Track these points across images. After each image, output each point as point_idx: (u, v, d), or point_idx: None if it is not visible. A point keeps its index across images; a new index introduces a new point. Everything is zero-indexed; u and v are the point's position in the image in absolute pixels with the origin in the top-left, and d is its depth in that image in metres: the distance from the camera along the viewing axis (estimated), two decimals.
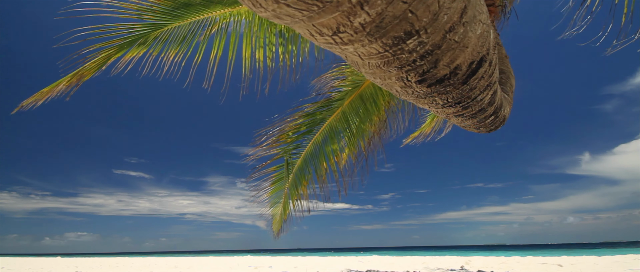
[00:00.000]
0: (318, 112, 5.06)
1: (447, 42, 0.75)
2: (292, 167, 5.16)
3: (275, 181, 5.28)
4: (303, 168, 5.17)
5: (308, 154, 5.18)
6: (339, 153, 5.21)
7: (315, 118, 5.10)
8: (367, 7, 0.64)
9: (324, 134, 5.25)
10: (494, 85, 1.04)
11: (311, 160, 5.15)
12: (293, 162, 5.19)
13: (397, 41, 0.72)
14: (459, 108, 0.98)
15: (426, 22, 0.69)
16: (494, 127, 1.69)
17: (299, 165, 5.18)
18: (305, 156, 5.18)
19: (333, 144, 5.22)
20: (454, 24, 0.73)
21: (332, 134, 5.24)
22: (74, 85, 3.29)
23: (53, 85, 3.20)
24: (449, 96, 0.88)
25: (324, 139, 5.29)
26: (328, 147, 5.18)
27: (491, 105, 1.16)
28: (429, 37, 0.73)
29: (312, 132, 5.23)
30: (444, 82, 0.84)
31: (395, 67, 0.77)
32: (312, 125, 5.14)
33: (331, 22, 0.62)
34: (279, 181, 5.27)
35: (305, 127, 5.14)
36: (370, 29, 0.66)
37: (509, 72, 2.83)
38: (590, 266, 8.67)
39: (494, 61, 0.91)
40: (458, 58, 0.80)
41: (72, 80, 3.37)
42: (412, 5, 0.66)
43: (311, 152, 5.20)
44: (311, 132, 5.23)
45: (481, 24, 0.76)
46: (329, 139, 5.26)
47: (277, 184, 5.29)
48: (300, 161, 5.18)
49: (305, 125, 5.11)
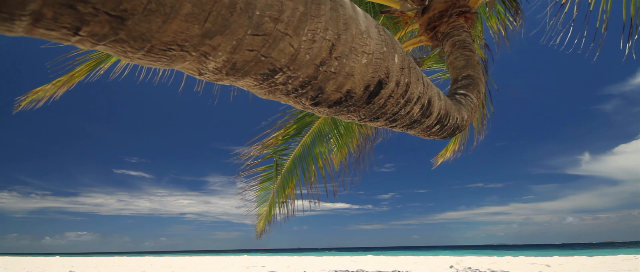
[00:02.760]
0: (307, 115, 5.17)
1: (323, 73, 0.82)
2: (281, 168, 5.27)
3: (263, 180, 5.36)
4: (291, 170, 5.28)
5: (296, 155, 5.29)
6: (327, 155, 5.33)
7: (304, 120, 5.22)
8: (211, 58, 0.68)
9: (312, 136, 5.36)
10: (422, 99, 1.16)
11: (299, 162, 5.26)
12: (282, 164, 5.29)
13: (266, 77, 0.78)
14: (385, 122, 1.10)
15: (286, 62, 0.75)
16: (447, 134, 1.81)
17: (287, 166, 5.28)
18: (294, 157, 5.29)
19: (321, 147, 5.34)
20: (324, 60, 0.80)
21: (320, 136, 5.36)
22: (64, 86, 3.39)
23: (45, 86, 3.30)
24: (360, 114, 1.00)
25: (312, 141, 5.40)
26: (316, 149, 5.30)
27: (427, 117, 1.28)
28: (296, 72, 0.79)
29: (301, 134, 5.34)
30: (342, 103, 0.93)
31: (282, 94, 0.85)
32: (300, 128, 5.26)
33: (191, 67, 0.68)
34: (267, 181, 5.36)
35: (294, 129, 5.26)
36: (227, 71, 0.71)
37: (478, 78, 2.95)
38: (577, 266, 8.81)
39: (404, 81, 1.02)
40: (346, 84, 0.88)
41: (67, 81, 3.48)
42: (261, 51, 0.70)
43: (299, 154, 5.31)
44: (300, 134, 5.34)
45: (366, 55, 0.87)
46: (317, 141, 5.38)
47: (264, 184, 5.37)
48: (289, 162, 5.29)
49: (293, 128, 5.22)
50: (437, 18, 3.51)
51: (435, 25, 3.53)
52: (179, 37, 0.58)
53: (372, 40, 0.88)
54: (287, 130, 5.18)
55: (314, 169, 5.24)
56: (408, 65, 1.03)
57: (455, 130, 1.96)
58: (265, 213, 5.43)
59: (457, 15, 3.41)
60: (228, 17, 0.61)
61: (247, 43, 0.66)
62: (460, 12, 3.42)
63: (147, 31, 0.55)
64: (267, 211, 5.40)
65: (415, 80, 1.07)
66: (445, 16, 3.46)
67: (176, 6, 0.54)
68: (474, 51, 3.22)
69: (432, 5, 3.51)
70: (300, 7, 0.71)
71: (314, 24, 0.74)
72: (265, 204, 5.45)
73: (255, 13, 0.64)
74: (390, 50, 0.95)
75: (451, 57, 3.29)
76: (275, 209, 5.35)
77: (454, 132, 2.02)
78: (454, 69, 3.16)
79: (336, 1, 0.80)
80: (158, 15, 0.53)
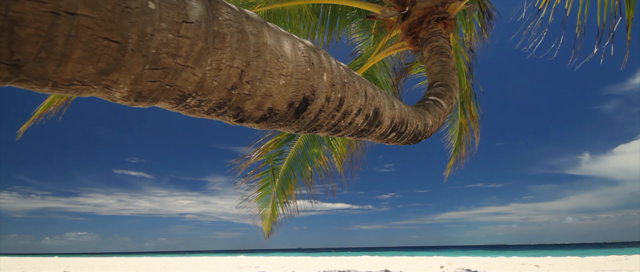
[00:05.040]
0: None
1: (237, 96, 0.89)
2: (278, 172, 5.36)
3: (263, 186, 5.48)
4: (288, 172, 5.37)
5: (291, 158, 5.38)
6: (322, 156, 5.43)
7: None
8: (114, 89, 0.73)
9: (305, 139, 5.44)
10: (365, 111, 1.24)
11: (295, 164, 5.36)
12: (278, 168, 5.39)
13: (178, 101, 0.83)
14: (328, 132, 1.18)
15: (193, 89, 0.81)
16: (407, 140, 1.89)
17: (283, 169, 5.38)
18: (289, 160, 5.38)
19: (315, 148, 5.43)
20: (235, 84, 0.87)
21: (313, 138, 5.44)
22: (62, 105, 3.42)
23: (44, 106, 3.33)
24: (292, 127, 1.08)
25: (305, 143, 5.49)
26: (310, 151, 5.39)
27: (376, 126, 1.36)
28: (207, 96, 0.85)
29: (294, 138, 5.43)
30: (268, 119, 1.00)
31: (203, 113, 0.90)
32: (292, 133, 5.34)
33: (101, 95, 0.74)
34: (267, 186, 5.47)
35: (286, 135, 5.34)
36: (135, 98, 0.76)
37: (452, 84, 3.03)
38: (566, 266, 8.92)
39: (337, 96, 1.10)
40: (266, 103, 0.95)
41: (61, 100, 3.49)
42: (164, 81, 0.76)
43: (294, 156, 5.40)
44: (293, 138, 5.42)
45: (283, 76, 0.95)
46: (310, 143, 5.46)
47: (265, 188, 5.49)
48: (284, 166, 5.38)
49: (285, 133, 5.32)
50: (417, 24, 3.59)
51: (415, 31, 3.61)
52: (77, 76, 0.65)
53: (291, 63, 0.95)
54: (280, 135, 5.26)
55: (311, 170, 5.35)
56: (341, 81, 1.11)
57: (417, 136, 2.03)
58: (270, 215, 5.56)
59: (436, 22, 3.49)
60: (120, 58, 0.67)
61: (147, 76, 0.73)
62: (439, 18, 3.50)
63: (45, 73, 0.61)
64: (271, 213, 5.53)
65: (352, 94, 1.15)
66: (424, 22, 3.54)
67: (67, 52, 0.60)
68: (450, 57, 3.30)
69: (412, 12, 3.59)
70: (199, 42, 0.77)
71: (217, 55, 0.81)
72: (268, 206, 5.58)
73: (150, 52, 0.70)
74: (318, 70, 1.03)
75: (428, 63, 3.37)
76: (277, 210, 5.48)
77: (417, 139, 2.10)
78: (430, 75, 3.24)
79: (247, 32, 0.87)
80: (50, 61, 0.60)
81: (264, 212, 5.67)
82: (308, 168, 5.39)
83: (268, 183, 5.44)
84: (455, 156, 5.86)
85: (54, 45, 0.58)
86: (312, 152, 5.42)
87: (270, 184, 5.43)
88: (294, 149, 5.46)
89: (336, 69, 1.11)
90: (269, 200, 5.57)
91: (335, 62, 1.13)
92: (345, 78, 1.12)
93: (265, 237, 5.81)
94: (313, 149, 5.47)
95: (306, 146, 5.48)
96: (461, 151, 5.77)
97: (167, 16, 0.72)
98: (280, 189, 5.40)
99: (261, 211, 5.70)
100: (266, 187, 5.49)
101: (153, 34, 0.69)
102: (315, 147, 5.44)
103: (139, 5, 0.67)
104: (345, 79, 1.12)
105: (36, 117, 3.35)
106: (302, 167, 5.38)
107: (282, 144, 5.42)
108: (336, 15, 4.80)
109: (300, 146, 5.47)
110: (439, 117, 2.42)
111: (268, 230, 5.72)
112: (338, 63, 1.16)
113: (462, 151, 5.77)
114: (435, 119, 2.31)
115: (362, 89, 1.22)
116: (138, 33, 0.67)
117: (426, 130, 2.15)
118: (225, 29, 0.83)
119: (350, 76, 1.15)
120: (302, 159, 5.39)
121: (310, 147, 5.43)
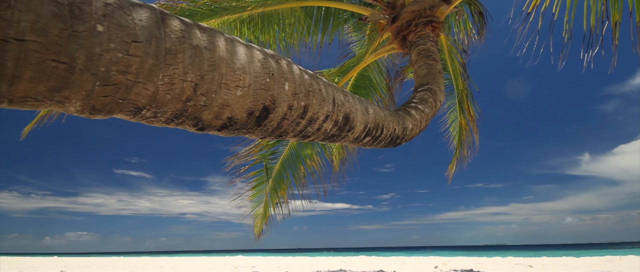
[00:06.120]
0: None
1: (192, 107, 0.93)
2: (271, 171, 5.39)
3: (256, 185, 5.49)
4: (281, 172, 5.40)
5: (285, 158, 5.41)
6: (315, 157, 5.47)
7: None
8: (68, 104, 0.77)
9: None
10: (333, 117, 1.29)
11: (288, 164, 5.38)
12: (272, 167, 5.42)
13: (134, 112, 0.87)
14: (296, 138, 1.24)
15: (146, 102, 0.85)
16: (385, 143, 1.94)
17: (277, 169, 5.41)
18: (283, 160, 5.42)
19: (308, 149, 5.47)
20: (189, 96, 0.91)
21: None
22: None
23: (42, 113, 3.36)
24: (256, 133, 1.13)
25: (298, 143, 5.52)
26: (303, 152, 5.43)
27: (348, 131, 1.42)
28: (162, 108, 0.89)
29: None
30: (230, 127, 1.04)
31: (162, 123, 0.94)
32: None
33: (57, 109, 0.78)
34: (260, 185, 5.49)
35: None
36: (89, 112, 0.80)
37: (437, 88, 3.08)
38: (560, 266, 8.98)
39: (300, 104, 1.15)
40: (224, 113, 0.99)
41: None
42: (117, 95, 0.80)
43: (288, 156, 5.43)
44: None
45: (239, 88, 1.00)
46: (303, 144, 5.50)
47: (258, 187, 5.51)
48: (278, 165, 5.42)
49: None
50: (405, 27, 3.64)
51: (404, 34, 3.66)
52: (30, 93, 0.70)
53: (248, 75, 1.00)
54: None
55: (304, 170, 5.38)
56: (306, 89, 1.17)
57: (395, 140, 2.08)
58: (261, 214, 5.56)
59: (424, 25, 3.54)
60: (69, 76, 0.71)
61: (98, 91, 0.77)
62: (427, 22, 3.54)
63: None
64: (263, 213, 5.53)
65: (317, 101, 1.20)
66: (412, 25, 3.59)
67: (18, 73, 0.65)
68: (437, 60, 3.34)
69: (400, 15, 3.64)
70: (149, 60, 0.81)
71: (170, 71, 0.85)
72: (260, 206, 5.59)
73: (100, 70, 0.75)
74: (279, 80, 1.08)
75: (416, 66, 3.42)
76: (270, 210, 5.48)
77: (396, 142, 2.15)
78: (417, 77, 3.29)
79: (201, 47, 0.92)
80: (2, 82, 0.65)
81: (256, 211, 5.64)
82: (301, 169, 5.43)
83: (261, 182, 5.46)
84: (457, 156, 5.91)
85: (4, 68, 0.64)
86: (305, 153, 5.45)
87: (263, 183, 5.45)
88: (287, 149, 5.50)
89: (299, 78, 1.16)
90: (261, 199, 5.57)
91: (299, 71, 1.18)
92: (310, 86, 1.17)
93: (255, 237, 5.73)
94: (306, 150, 5.51)
95: (299, 146, 5.52)
96: (462, 151, 5.82)
97: (116, 37, 0.76)
98: (273, 189, 5.42)
99: (253, 211, 5.70)
100: (259, 186, 5.51)
101: (102, 54, 0.74)
102: (308, 149, 5.48)
103: (87, 29, 0.71)
104: (309, 87, 1.17)
105: (39, 118, 3.39)
106: (295, 168, 5.42)
107: (275, 144, 5.45)
108: (329, 17, 4.85)
109: (294, 146, 5.50)
110: (420, 121, 2.46)
111: (259, 231, 5.65)
112: (303, 71, 1.21)
113: (464, 151, 5.82)
114: (416, 122, 2.36)
115: (330, 96, 1.27)
116: (86, 54, 0.71)
117: (405, 133, 2.19)
118: (177, 45, 0.87)
119: (316, 84, 1.21)
120: (296, 160, 5.43)
121: (303, 148, 5.47)
